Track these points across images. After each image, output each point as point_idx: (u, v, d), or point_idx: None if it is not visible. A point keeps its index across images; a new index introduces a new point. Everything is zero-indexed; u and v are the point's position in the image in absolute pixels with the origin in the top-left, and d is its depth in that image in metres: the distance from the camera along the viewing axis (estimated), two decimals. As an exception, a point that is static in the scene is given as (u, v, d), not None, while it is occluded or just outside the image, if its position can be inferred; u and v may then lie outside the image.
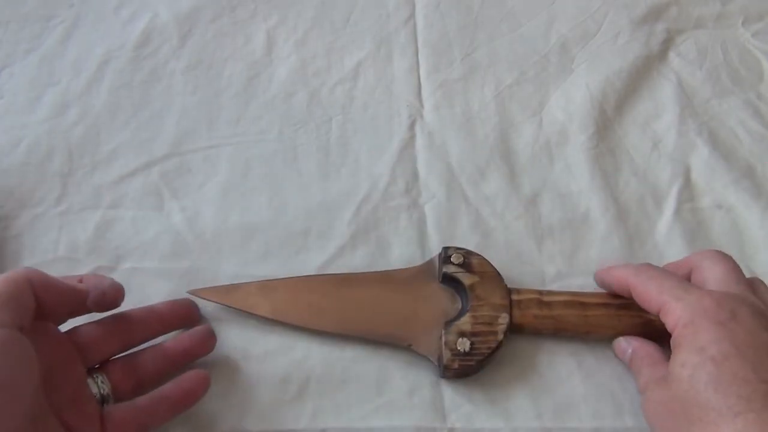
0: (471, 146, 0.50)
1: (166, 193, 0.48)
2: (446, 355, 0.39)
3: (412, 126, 0.52)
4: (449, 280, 0.42)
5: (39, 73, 0.54)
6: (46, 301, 0.32)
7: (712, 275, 0.36)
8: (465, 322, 0.40)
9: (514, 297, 0.41)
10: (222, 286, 0.43)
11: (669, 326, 0.35)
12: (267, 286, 0.43)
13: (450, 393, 0.40)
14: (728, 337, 0.31)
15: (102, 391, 0.34)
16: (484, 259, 0.42)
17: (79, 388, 0.33)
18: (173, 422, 0.38)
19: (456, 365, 0.39)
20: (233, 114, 0.52)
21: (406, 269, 0.44)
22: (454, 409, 0.39)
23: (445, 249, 0.43)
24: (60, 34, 0.56)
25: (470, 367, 0.39)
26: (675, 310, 0.34)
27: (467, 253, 0.42)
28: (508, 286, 0.41)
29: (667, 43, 0.57)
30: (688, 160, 0.50)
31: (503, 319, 0.40)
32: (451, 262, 0.42)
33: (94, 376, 0.35)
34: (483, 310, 0.40)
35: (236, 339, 0.42)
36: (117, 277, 0.43)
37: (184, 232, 0.46)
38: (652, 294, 0.36)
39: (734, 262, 0.37)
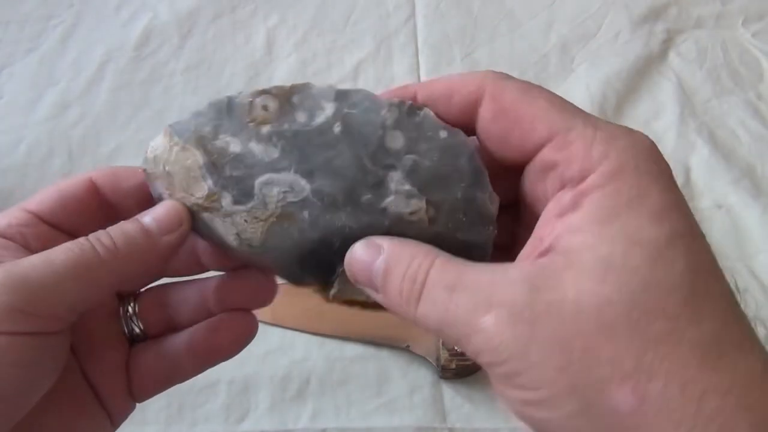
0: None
1: (166, 193, 0.48)
2: (443, 355, 0.39)
3: (412, 126, 0.52)
4: None
5: (39, 73, 0.54)
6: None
7: None
8: None
9: None
10: None
11: (568, 172, 0.19)
12: None
13: (450, 393, 0.40)
14: (683, 201, 0.18)
15: (132, 329, 0.26)
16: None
17: (107, 325, 0.26)
18: (174, 420, 0.38)
19: (453, 365, 0.39)
20: (233, 114, 0.52)
21: None
22: (454, 409, 0.39)
23: None
24: (60, 34, 0.56)
25: (468, 366, 0.39)
26: (589, 143, 0.19)
27: None
28: None
29: (667, 43, 0.57)
30: (688, 160, 0.50)
31: None
32: None
33: (126, 308, 0.27)
34: None
35: (236, 339, 0.42)
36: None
37: (184, 232, 0.46)
38: (537, 110, 0.20)
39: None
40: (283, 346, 0.41)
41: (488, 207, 0.22)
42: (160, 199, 0.24)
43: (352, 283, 0.23)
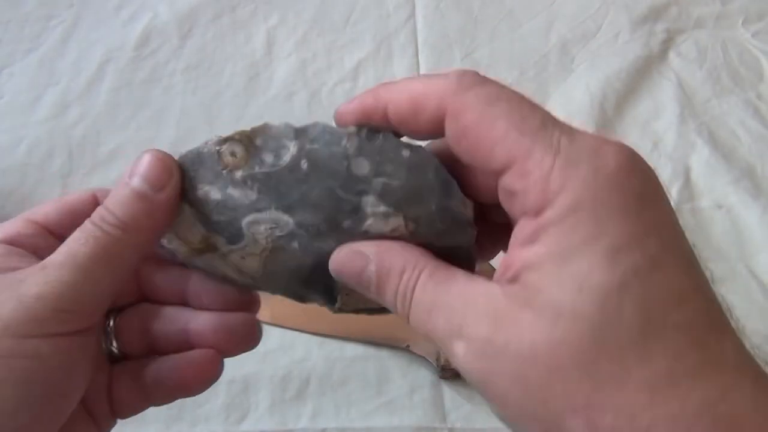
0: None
1: (166, 193, 0.48)
2: (444, 355, 0.39)
3: (412, 126, 0.52)
4: None
5: (39, 73, 0.54)
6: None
7: None
8: None
9: None
10: None
11: (527, 202, 0.18)
12: None
13: (450, 393, 0.40)
14: (652, 229, 0.18)
15: (112, 346, 0.26)
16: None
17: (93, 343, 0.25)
18: (174, 420, 0.38)
19: (453, 365, 0.38)
20: (233, 114, 0.52)
21: None
22: (454, 409, 0.39)
23: None
24: (60, 34, 0.56)
25: None
26: (546, 173, 0.18)
27: None
28: None
29: (667, 43, 0.57)
30: (688, 160, 0.50)
31: None
32: None
33: (108, 323, 0.26)
34: None
35: (236, 339, 0.42)
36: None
37: (184, 232, 0.46)
38: (496, 133, 0.19)
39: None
40: (283, 346, 0.41)
41: (462, 213, 0.23)
42: (173, 255, 0.25)
43: (354, 295, 0.24)
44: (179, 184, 0.23)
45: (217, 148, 0.23)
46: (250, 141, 0.23)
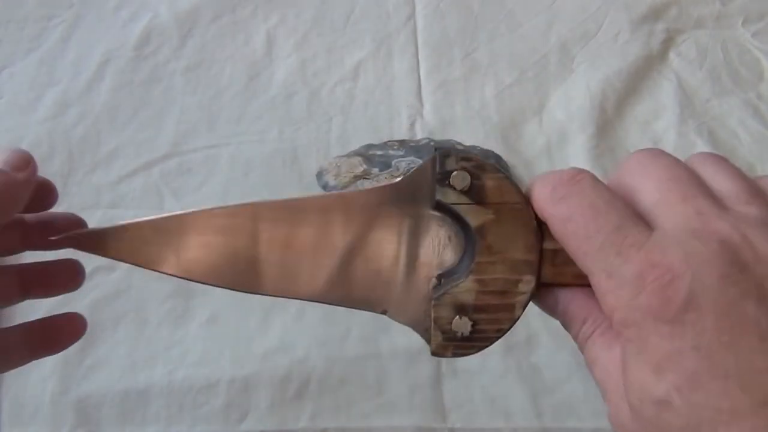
0: (471, 146, 0.50)
1: (166, 193, 0.48)
2: (436, 337, 0.25)
3: (412, 126, 0.52)
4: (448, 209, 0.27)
5: (39, 73, 0.54)
6: None
7: (662, 211, 0.21)
8: (466, 290, 0.24)
9: (548, 245, 0.24)
10: (103, 228, 0.27)
11: (605, 312, 0.21)
12: (168, 227, 0.27)
13: (450, 393, 0.40)
14: (690, 343, 0.19)
15: None
16: (506, 179, 0.24)
17: None
18: (174, 420, 0.38)
19: (449, 353, 0.25)
20: (233, 114, 0.52)
21: (376, 189, 0.26)
22: (454, 408, 0.39)
23: (442, 155, 0.24)
24: (60, 34, 0.56)
25: (469, 354, 0.25)
26: (607, 296, 0.20)
27: (477, 168, 0.24)
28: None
29: (667, 43, 0.57)
30: (688, 160, 0.50)
31: (526, 285, 0.24)
32: (450, 185, 0.24)
33: None
34: (496, 271, 0.24)
35: (236, 338, 0.42)
36: (117, 276, 0.44)
37: (184, 232, 0.46)
38: (575, 250, 0.22)
39: (683, 167, 0.22)
40: (283, 346, 0.41)
41: (506, 166, 0.49)
42: (326, 185, 0.47)
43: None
44: (34, 172, 0.27)
45: (386, 141, 0.51)
46: (406, 142, 0.50)
